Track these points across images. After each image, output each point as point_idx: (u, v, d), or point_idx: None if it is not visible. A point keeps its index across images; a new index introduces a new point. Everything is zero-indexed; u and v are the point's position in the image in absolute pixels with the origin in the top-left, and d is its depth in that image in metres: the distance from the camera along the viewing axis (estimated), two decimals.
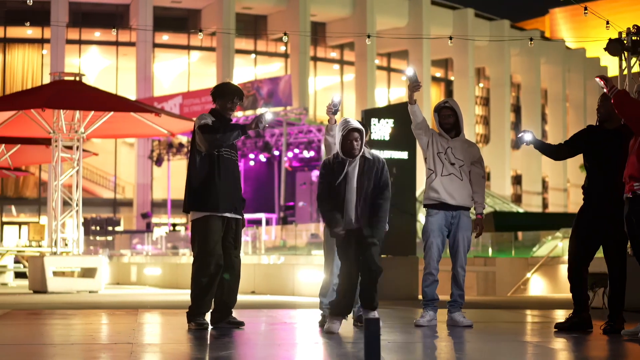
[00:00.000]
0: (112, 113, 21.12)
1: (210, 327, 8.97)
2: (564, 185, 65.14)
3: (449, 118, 9.60)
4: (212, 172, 8.98)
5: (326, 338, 8.21)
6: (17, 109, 20.85)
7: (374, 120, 16.29)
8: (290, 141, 36.64)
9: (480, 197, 9.67)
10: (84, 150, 22.37)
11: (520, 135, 9.17)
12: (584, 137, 9.04)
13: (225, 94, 9.21)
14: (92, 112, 21.03)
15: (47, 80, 40.14)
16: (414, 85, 9.36)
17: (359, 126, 8.55)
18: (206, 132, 8.90)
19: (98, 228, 36.70)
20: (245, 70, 55.19)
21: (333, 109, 9.45)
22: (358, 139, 8.51)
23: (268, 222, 33.61)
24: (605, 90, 8.37)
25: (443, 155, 9.53)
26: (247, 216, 9.29)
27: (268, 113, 9.15)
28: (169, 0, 52.64)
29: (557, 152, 9.35)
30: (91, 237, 35.24)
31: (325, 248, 9.53)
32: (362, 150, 8.58)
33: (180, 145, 40.53)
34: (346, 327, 9.21)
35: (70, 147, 21.43)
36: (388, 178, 8.66)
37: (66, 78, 22.02)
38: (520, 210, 51.16)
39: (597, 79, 8.47)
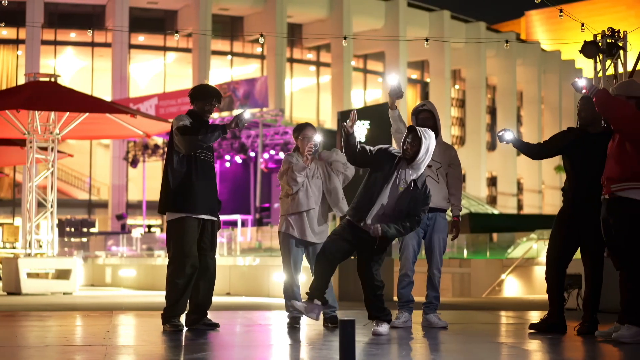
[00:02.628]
0: (87, 114, 21.03)
1: (185, 328, 8.95)
2: (539, 187, 65.41)
3: (427, 121, 9.59)
4: (189, 174, 8.95)
5: (302, 340, 8.22)
6: None
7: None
8: (266, 142, 36.63)
9: (457, 199, 9.70)
10: (59, 152, 22.26)
11: (500, 133, 9.16)
12: (565, 139, 9.04)
13: (205, 96, 9.18)
14: (68, 113, 20.93)
15: (22, 81, 39.92)
16: (396, 94, 9.35)
17: (419, 133, 8.38)
18: (186, 133, 8.87)
19: (73, 229, 36.54)
20: (222, 72, 55.15)
21: (313, 149, 9.30)
22: (414, 144, 8.37)
23: (244, 224, 33.59)
24: (584, 91, 8.37)
25: None
26: (222, 218, 9.29)
27: (246, 112, 9.10)
28: (146, 1, 52.53)
29: (537, 152, 9.35)
30: (66, 239, 35.09)
31: (282, 250, 9.60)
32: (415, 169, 8.40)
33: (156, 146, 40.45)
34: (321, 328, 9.21)
35: (45, 148, 21.33)
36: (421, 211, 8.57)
37: (41, 79, 21.92)
38: (496, 211, 51.31)
39: (577, 79, 8.45)
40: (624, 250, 8.11)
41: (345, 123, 8.32)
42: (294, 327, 9.30)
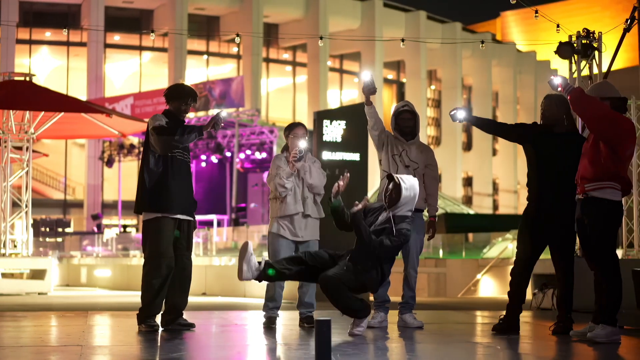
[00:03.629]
0: (62, 114, 20.96)
1: (161, 329, 8.93)
2: (515, 187, 65.60)
3: (408, 121, 9.65)
4: (165, 174, 8.94)
5: (279, 340, 8.22)
6: None
7: (326, 122, 16.31)
8: (242, 142, 36.61)
9: (434, 200, 9.73)
10: (34, 151, 22.17)
11: (453, 112, 9.15)
12: (531, 133, 9.04)
13: (180, 96, 9.16)
14: (43, 113, 20.85)
15: None
16: (369, 90, 9.37)
17: (398, 180, 8.48)
18: (162, 134, 8.85)
19: (48, 229, 36.39)
20: (198, 71, 55.04)
21: (298, 155, 9.31)
22: (394, 192, 8.47)
23: (219, 224, 33.56)
24: (560, 89, 8.39)
25: (398, 157, 9.58)
26: (198, 217, 9.28)
27: (223, 112, 9.10)
28: (121, 0, 52.34)
29: (497, 129, 9.35)
30: (41, 239, 34.97)
31: (270, 250, 9.58)
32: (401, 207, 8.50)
33: (132, 146, 40.35)
34: (297, 328, 9.21)
35: (20, 148, 21.23)
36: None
37: (16, 78, 21.80)
38: (471, 211, 51.42)
39: (552, 77, 8.45)
40: (599, 250, 8.15)
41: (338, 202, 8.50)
42: (270, 327, 9.29)
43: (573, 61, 14.17)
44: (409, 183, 8.44)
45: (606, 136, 8.11)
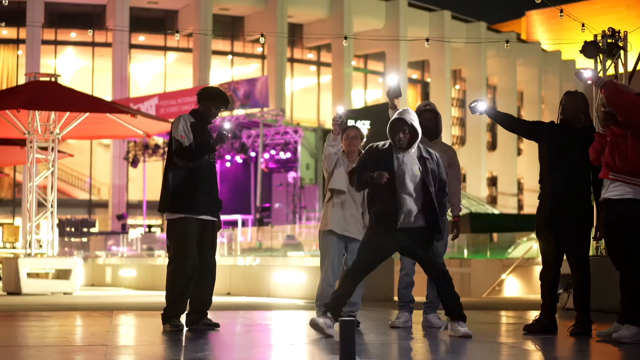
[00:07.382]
0: (87, 114, 21.03)
1: (185, 328, 8.95)
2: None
3: (430, 121, 9.62)
4: (189, 174, 8.97)
5: (303, 339, 8.22)
6: None
7: (350, 122, 16.33)
8: (266, 142, 36.68)
9: (457, 199, 9.70)
10: (59, 151, 22.26)
11: (473, 104, 9.05)
12: (550, 129, 9.01)
13: (214, 99, 9.20)
14: (68, 113, 20.93)
15: (22, 80, 39.92)
16: (395, 94, 9.36)
17: (409, 121, 8.18)
18: (180, 156, 8.94)
19: (73, 229, 36.53)
20: (222, 72, 55.14)
21: (339, 121, 9.17)
22: (406, 131, 8.19)
23: (244, 224, 33.63)
24: (590, 82, 8.34)
25: None
26: (223, 217, 9.28)
27: (226, 123, 9.19)
28: (146, 1, 52.50)
29: (517, 126, 9.29)
30: (66, 239, 35.11)
31: (321, 250, 9.34)
32: (416, 145, 8.27)
33: (156, 146, 40.49)
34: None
35: (45, 148, 21.32)
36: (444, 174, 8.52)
37: (42, 79, 21.90)
38: (496, 211, 51.29)
39: (582, 70, 8.40)
40: (622, 251, 8.10)
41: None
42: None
43: (598, 60, 14.12)
44: (415, 116, 8.34)
45: (636, 124, 8.05)
